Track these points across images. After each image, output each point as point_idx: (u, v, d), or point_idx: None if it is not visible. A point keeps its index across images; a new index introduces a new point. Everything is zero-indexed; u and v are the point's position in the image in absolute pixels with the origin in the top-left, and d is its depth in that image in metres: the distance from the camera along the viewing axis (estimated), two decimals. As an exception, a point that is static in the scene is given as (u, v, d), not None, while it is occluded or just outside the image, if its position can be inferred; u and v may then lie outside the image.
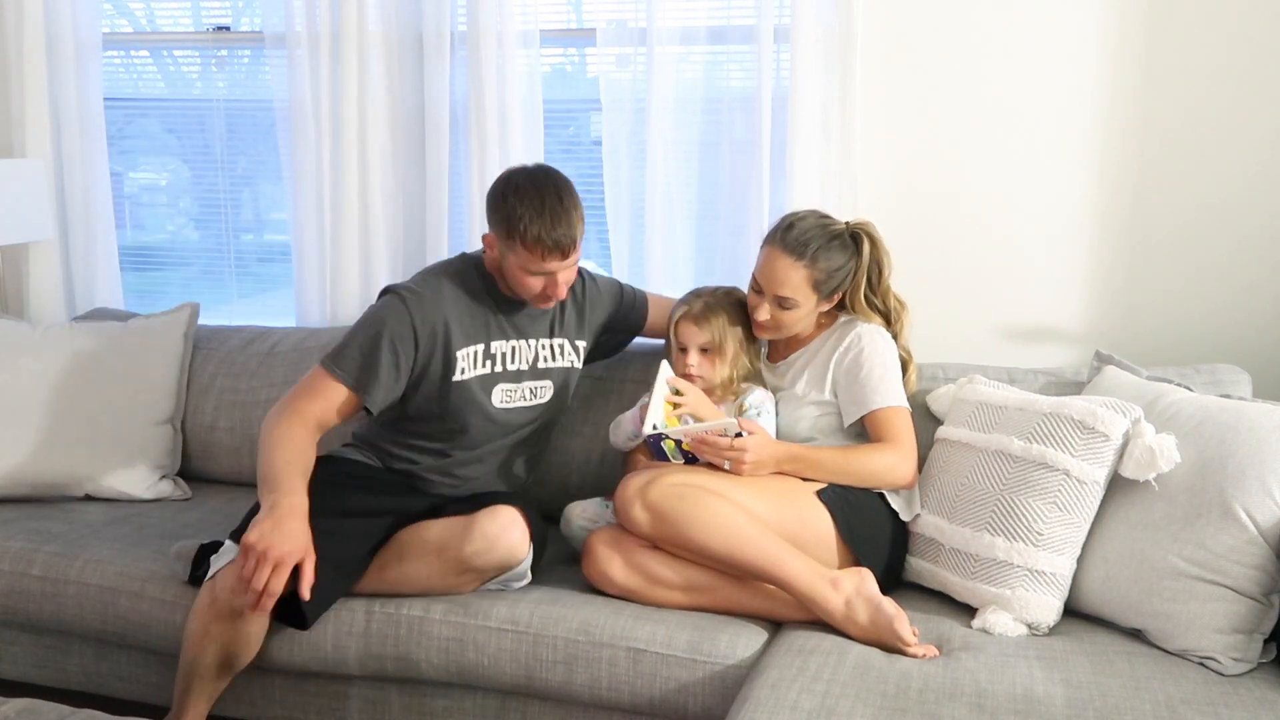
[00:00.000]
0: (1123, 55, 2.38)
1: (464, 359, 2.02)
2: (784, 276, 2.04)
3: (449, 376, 2.00)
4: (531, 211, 1.89)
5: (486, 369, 2.05)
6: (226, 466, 2.64)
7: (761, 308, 2.08)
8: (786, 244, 2.04)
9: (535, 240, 1.89)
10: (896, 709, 1.56)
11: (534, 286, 1.97)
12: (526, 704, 1.95)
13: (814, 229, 2.06)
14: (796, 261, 2.03)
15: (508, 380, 2.09)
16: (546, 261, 1.92)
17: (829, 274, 2.06)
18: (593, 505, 2.17)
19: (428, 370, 2.00)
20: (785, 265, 2.04)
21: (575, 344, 2.19)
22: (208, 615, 1.84)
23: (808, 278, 2.04)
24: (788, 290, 2.05)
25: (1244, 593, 1.70)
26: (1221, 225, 2.40)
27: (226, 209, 3.04)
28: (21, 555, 2.16)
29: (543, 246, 1.89)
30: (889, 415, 2.03)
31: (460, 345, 2.01)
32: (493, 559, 1.90)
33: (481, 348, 2.04)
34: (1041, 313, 2.52)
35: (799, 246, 2.03)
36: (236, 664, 1.90)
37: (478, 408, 2.05)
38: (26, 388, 2.50)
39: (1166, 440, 1.78)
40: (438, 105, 2.65)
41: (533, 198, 1.90)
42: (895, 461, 2.01)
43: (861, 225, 2.12)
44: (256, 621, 1.86)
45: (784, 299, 2.05)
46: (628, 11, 2.59)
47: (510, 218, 1.91)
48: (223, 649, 1.86)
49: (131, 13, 3.06)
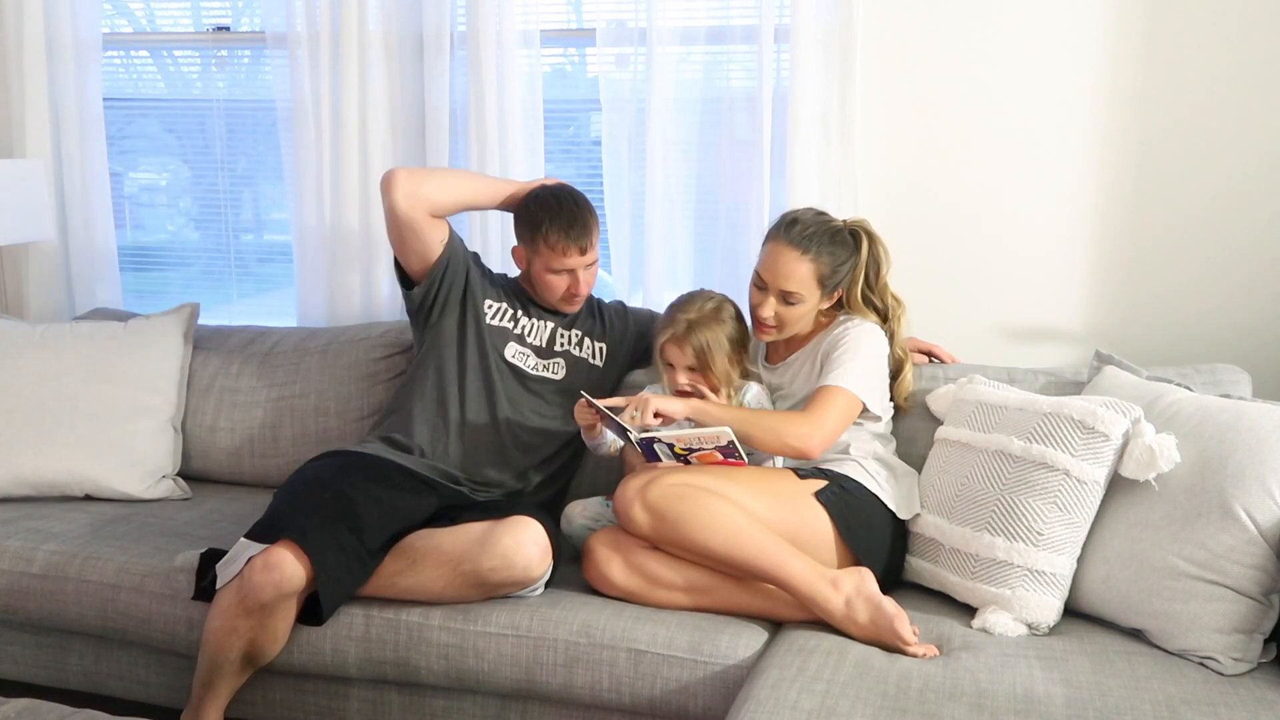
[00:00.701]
0: (1123, 55, 2.38)
1: (490, 308, 2.26)
2: (789, 270, 2.05)
3: (471, 307, 2.25)
4: (552, 214, 2.18)
5: (510, 325, 2.27)
6: (226, 466, 2.64)
7: (765, 304, 2.08)
8: (791, 238, 2.05)
9: (556, 239, 2.16)
10: (896, 709, 1.56)
11: (559, 286, 2.22)
12: (527, 705, 1.95)
13: (816, 224, 2.08)
14: (803, 255, 2.04)
15: (522, 345, 2.27)
16: (567, 257, 2.18)
17: (833, 269, 2.07)
18: (594, 504, 2.17)
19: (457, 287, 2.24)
20: (791, 259, 2.04)
21: (596, 344, 2.33)
22: (234, 612, 1.85)
23: (813, 271, 2.05)
24: (793, 284, 2.05)
25: (1244, 593, 1.70)
26: (1221, 225, 2.40)
27: (226, 209, 3.04)
28: (21, 555, 2.16)
29: (563, 244, 2.16)
30: (828, 391, 2.01)
31: (487, 296, 2.27)
32: (511, 575, 1.89)
33: (507, 308, 2.29)
34: (1041, 313, 2.52)
35: (804, 241, 2.05)
36: (261, 659, 1.91)
37: (492, 349, 2.24)
38: (26, 388, 2.50)
39: (1166, 440, 1.78)
40: (438, 105, 2.65)
41: (553, 205, 2.19)
42: (804, 430, 1.96)
43: (859, 223, 2.14)
44: (284, 616, 1.88)
45: (789, 294, 2.06)
46: (627, 11, 2.59)
47: (534, 222, 2.19)
48: (250, 644, 1.88)
49: (131, 13, 3.06)
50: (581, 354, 2.32)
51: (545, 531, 1.93)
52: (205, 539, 2.22)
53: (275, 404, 2.61)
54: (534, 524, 1.91)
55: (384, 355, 2.57)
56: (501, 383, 2.23)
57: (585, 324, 2.35)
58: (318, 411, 2.58)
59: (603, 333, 2.36)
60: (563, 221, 2.17)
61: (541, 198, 2.21)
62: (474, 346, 2.23)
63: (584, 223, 2.19)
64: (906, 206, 2.53)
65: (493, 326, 2.25)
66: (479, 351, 2.23)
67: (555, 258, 2.18)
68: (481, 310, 2.25)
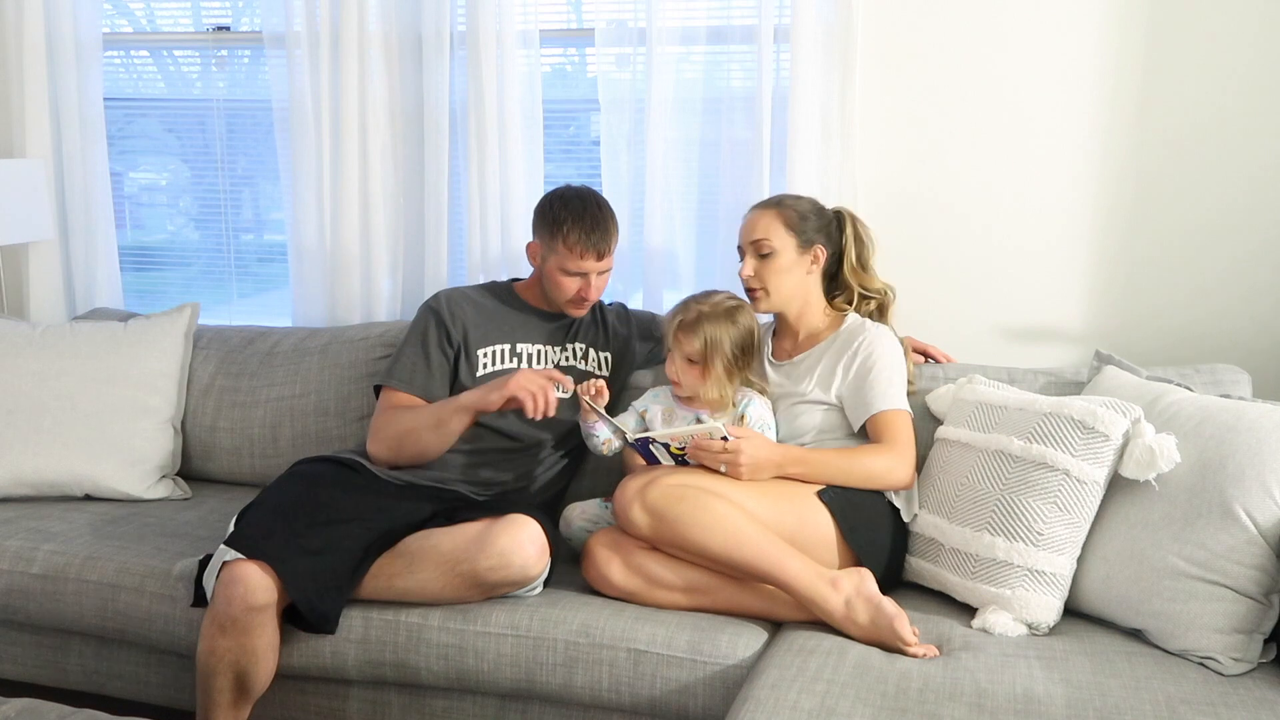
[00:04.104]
0: (1124, 55, 2.38)
1: (484, 356, 2.21)
2: (754, 221, 2.17)
3: (473, 372, 2.20)
4: (574, 216, 2.14)
5: (514, 364, 2.22)
6: (226, 466, 2.64)
7: (746, 265, 2.17)
8: (759, 203, 2.21)
9: (576, 240, 2.12)
10: (896, 709, 1.56)
11: (569, 288, 2.18)
12: (527, 705, 1.95)
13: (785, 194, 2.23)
14: (766, 209, 2.18)
15: None
16: (584, 260, 2.14)
17: (801, 216, 2.15)
18: (592, 506, 2.17)
19: (459, 359, 2.21)
20: (757, 214, 2.19)
21: (600, 354, 2.31)
22: (211, 631, 1.82)
23: (779, 217, 2.15)
24: (759, 232, 2.14)
25: (1244, 593, 1.70)
26: (1222, 225, 2.40)
27: (226, 209, 3.04)
28: (21, 555, 2.17)
29: (581, 246, 2.13)
30: (890, 418, 2.04)
31: (479, 345, 2.21)
32: (508, 575, 1.89)
33: (507, 346, 2.23)
34: (1041, 313, 2.52)
35: (769, 201, 2.21)
36: (252, 685, 1.86)
37: None
38: (26, 388, 2.50)
39: (1166, 440, 1.78)
40: (437, 105, 2.65)
41: (576, 206, 2.16)
42: (892, 463, 2.01)
43: (840, 208, 2.26)
44: (261, 633, 1.83)
45: (759, 243, 2.13)
46: (627, 11, 2.59)
47: (555, 221, 2.15)
48: (234, 667, 1.83)
49: (131, 13, 3.06)
50: (587, 367, 2.29)
51: (542, 530, 1.92)
52: (205, 539, 2.22)
53: (275, 404, 2.61)
54: (531, 523, 1.91)
55: (384, 355, 2.57)
56: (511, 417, 2.18)
57: (589, 334, 2.32)
58: (318, 411, 2.58)
59: (606, 341, 2.34)
60: (585, 223, 2.13)
61: (566, 196, 2.18)
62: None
63: (605, 227, 2.15)
64: (906, 206, 2.53)
65: (496, 372, 2.19)
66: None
67: (571, 259, 2.14)
68: (477, 371, 2.19)
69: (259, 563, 1.80)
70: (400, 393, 2.16)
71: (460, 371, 2.19)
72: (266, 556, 1.81)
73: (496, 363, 2.21)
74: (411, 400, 2.16)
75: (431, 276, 2.73)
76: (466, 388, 2.16)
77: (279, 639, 1.88)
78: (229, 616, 1.80)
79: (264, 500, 1.98)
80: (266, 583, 1.80)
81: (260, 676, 1.86)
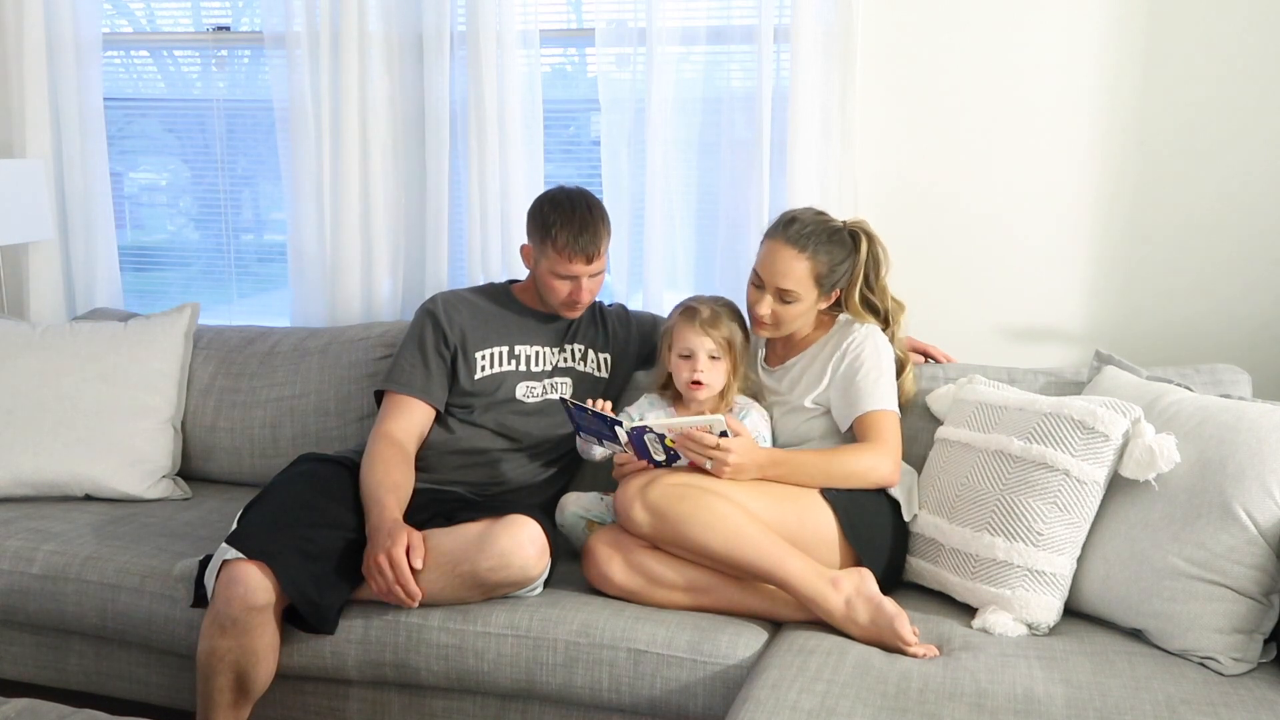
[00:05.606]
0: (1123, 55, 2.38)
1: (483, 358, 2.19)
2: (786, 269, 2.05)
3: (471, 374, 2.19)
4: (563, 219, 2.12)
5: (511, 366, 2.21)
6: (226, 466, 2.64)
7: (763, 302, 2.08)
8: (789, 237, 2.06)
9: (564, 244, 2.10)
10: (896, 709, 1.56)
11: (561, 291, 2.16)
12: (527, 705, 1.95)
13: (814, 223, 2.08)
14: (800, 254, 2.04)
15: (530, 379, 2.23)
16: (573, 264, 2.12)
17: (831, 268, 2.07)
18: (588, 496, 2.17)
19: (457, 361, 2.19)
20: (788, 257, 2.05)
21: (600, 355, 2.30)
22: (211, 631, 1.82)
23: (810, 270, 2.05)
24: (790, 283, 2.05)
25: (1244, 593, 1.70)
26: (1222, 225, 2.40)
27: (226, 209, 3.04)
28: (21, 555, 2.17)
29: (570, 250, 2.10)
30: (876, 418, 2.03)
31: (478, 347, 2.19)
32: (509, 575, 1.88)
33: (505, 348, 2.22)
34: (1041, 313, 2.52)
35: (801, 239, 2.05)
36: (252, 685, 1.86)
37: (504, 397, 2.19)
38: (26, 388, 2.50)
39: (1166, 440, 1.78)
40: (437, 105, 2.65)
41: (566, 208, 2.13)
42: (875, 461, 2.00)
43: (858, 223, 2.14)
44: (260, 634, 1.83)
45: (786, 292, 2.06)
46: (627, 11, 2.59)
47: (545, 224, 2.13)
48: (234, 667, 1.83)
49: (131, 13, 3.06)
50: (586, 368, 2.28)
51: (542, 530, 1.92)
52: (205, 539, 2.22)
53: (275, 404, 2.61)
54: (531, 523, 1.91)
55: (384, 356, 2.57)
56: (511, 418, 2.20)
57: (588, 335, 2.30)
58: (318, 411, 2.58)
59: (606, 342, 2.32)
60: (574, 227, 2.10)
61: (556, 199, 2.16)
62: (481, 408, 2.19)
63: (594, 230, 2.12)
64: (906, 206, 2.53)
65: (495, 374, 2.20)
66: (484, 406, 2.19)
67: (561, 263, 2.12)
68: (476, 374, 2.19)
69: (259, 563, 1.81)
70: (402, 396, 2.16)
71: (459, 373, 2.19)
72: (266, 557, 1.81)
73: (495, 364, 2.21)
74: (413, 403, 2.15)
75: (431, 276, 2.73)
76: (466, 389, 2.17)
77: (279, 639, 1.88)
78: (229, 616, 1.80)
79: (267, 499, 1.99)
80: (266, 583, 1.80)
81: (260, 677, 1.86)
